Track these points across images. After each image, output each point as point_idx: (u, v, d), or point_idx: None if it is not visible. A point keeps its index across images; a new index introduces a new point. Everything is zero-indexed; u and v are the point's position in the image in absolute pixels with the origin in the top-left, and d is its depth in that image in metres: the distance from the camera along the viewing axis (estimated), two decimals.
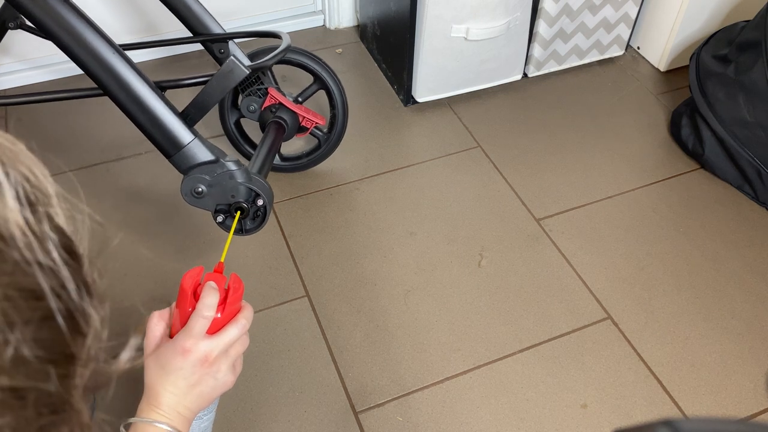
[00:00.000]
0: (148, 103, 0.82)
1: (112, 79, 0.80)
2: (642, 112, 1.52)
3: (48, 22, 0.76)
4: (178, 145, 0.86)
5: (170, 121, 0.84)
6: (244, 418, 0.99)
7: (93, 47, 0.78)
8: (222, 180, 0.87)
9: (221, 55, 1.14)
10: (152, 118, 0.83)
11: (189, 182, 0.87)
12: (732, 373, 1.06)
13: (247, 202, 0.90)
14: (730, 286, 1.18)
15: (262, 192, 0.90)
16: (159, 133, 0.84)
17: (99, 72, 0.80)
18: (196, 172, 0.87)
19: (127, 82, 0.81)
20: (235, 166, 0.88)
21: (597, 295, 1.16)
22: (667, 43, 1.58)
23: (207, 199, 0.89)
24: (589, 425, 1.00)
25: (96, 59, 0.79)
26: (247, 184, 0.88)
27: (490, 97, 1.55)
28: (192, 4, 1.09)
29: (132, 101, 0.82)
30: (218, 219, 0.91)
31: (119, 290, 1.15)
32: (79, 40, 0.78)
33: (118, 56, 0.79)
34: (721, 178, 1.37)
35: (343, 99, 1.24)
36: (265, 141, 1.09)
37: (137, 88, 0.81)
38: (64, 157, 1.37)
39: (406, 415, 1.00)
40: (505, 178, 1.36)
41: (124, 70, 0.80)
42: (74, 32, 0.77)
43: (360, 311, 1.13)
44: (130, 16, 1.56)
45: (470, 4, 1.33)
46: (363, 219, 1.27)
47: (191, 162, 0.87)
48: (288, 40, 1.05)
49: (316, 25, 1.74)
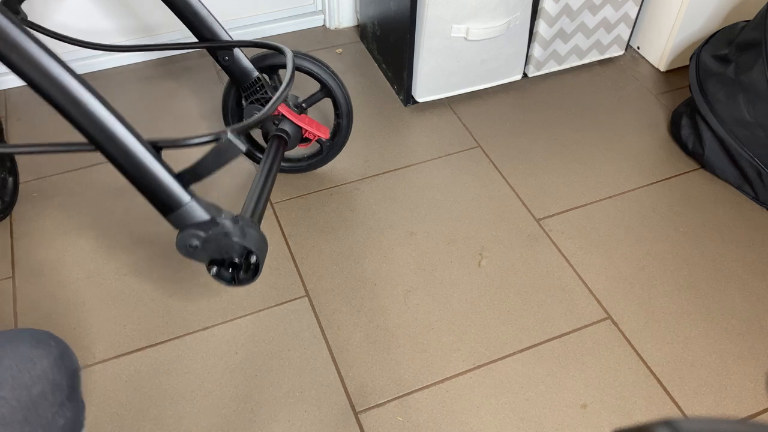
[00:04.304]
0: (145, 165, 0.82)
1: (108, 141, 0.80)
2: (642, 112, 1.53)
3: (44, 83, 0.75)
4: (174, 206, 0.86)
5: (167, 183, 0.84)
6: (244, 418, 0.99)
7: (91, 111, 0.78)
8: (216, 237, 0.88)
9: (225, 62, 1.13)
10: (149, 179, 0.83)
11: (184, 237, 0.88)
12: (732, 373, 1.06)
13: (241, 258, 0.91)
14: (730, 286, 1.18)
15: (255, 249, 0.90)
16: (155, 193, 0.85)
17: (96, 134, 0.80)
18: (192, 229, 0.87)
19: (125, 144, 0.81)
20: (231, 225, 0.88)
21: (597, 295, 1.16)
22: (667, 43, 1.58)
23: (201, 253, 0.90)
24: (589, 425, 1.00)
25: (94, 123, 0.79)
26: (241, 242, 0.89)
27: (490, 97, 1.55)
28: (199, 10, 1.08)
29: (129, 162, 0.82)
30: (212, 272, 0.92)
31: (119, 290, 1.15)
32: (77, 103, 0.77)
33: (115, 119, 0.79)
34: (721, 178, 1.37)
35: (348, 108, 1.23)
36: (262, 174, 1.07)
37: (135, 150, 0.81)
38: (63, 156, 1.37)
39: (406, 415, 1.00)
40: (505, 178, 1.36)
41: (122, 131, 0.80)
42: (71, 96, 0.77)
43: (360, 311, 1.13)
44: (125, 17, 1.55)
45: (470, 4, 1.33)
46: (363, 219, 1.27)
47: (187, 222, 0.87)
48: (291, 60, 1.04)
49: (316, 25, 1.74)
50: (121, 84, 1.55)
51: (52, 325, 1.10)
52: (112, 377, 1.04)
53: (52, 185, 1.32)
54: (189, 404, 1.01)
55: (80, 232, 1.24)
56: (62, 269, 1.18)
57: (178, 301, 1.13)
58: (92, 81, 1.56)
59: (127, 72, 1.59)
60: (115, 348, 1.07)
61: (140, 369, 1.05)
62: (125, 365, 1.05)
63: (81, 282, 1.16)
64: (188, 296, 1.14)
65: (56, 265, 1.19)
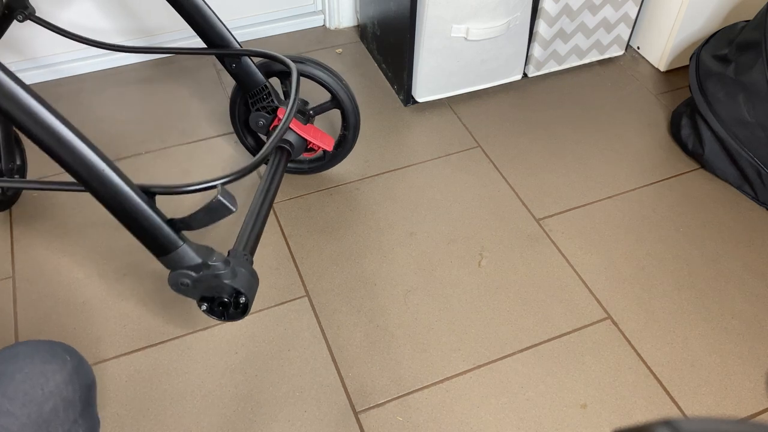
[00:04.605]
0: (137, 212, 0.84)
1: (102, 187, 0.82)
2: (642, 112, 1.53)
3: (38, 132, 0.77)
4: (166, 250, 0.88)
5: (159, 229, 0.86)
6: (244, 418, 0.99)
7: (84, 157, 0.79)
8: (207, 279, 0.90)
9: (233, 69, 1.13)
10: (141, 224, 0.86)
11: (175, 276, 0.90)
12: (732, 373, 1.06)
13: (230, 298, 0.92)
14: (730, 286, 1.18)
15: (245, 291, 0.92)
16: (148, 237, 0.87)
17: (89, 179, 0.82)
18: (183, 269, 0.89)
19: (118, 190, 0.82)
20: (222, 267, 0.90)
21: (597, 295, 1.16)
22: (667, 43, 1.58)
23: (192, 290, 0.92)
24: (589, 425, 1.00)
25: (87, 169, 0.80)
26: (231, 283, 0.90)
27: (490, 97, 1.55)
28: (209, 16, 1.08)
29: (122, 208, 0.84)
30: (202, 308, 0.94)
31: (119, 290, 1.15)
32: (70, 151, 0.79)
33: (107, 166, 0.81)
34: (721, 178, 1.37)
35: (356, 121, 1.23)
36: (260, 196, 1.06)
37: (127, 196, 0.83)
38: None
39: (406, 415, 1.00)
40: (505, 178, 1.36)
41: (114, 178, 0.82)
42: (64, 143, 0.79)
43: (360, 311, 1.13)
44: (125, 18, 1.55)
45: (470, 4, 1.33)
46: (363, 219, 1.27)
47: (179, 265, 0.89)
48: (296, 78, 1.04)
49: (316, 25, 1.74)
50: (123, 83, 1.55)
51: (52, 325, 1.10)
52: (113, 377, 1.04)
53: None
54: (189, 404, 1.01)
55: (80, 232, 1.24)
56: (62, 269, 1.18)
57: (178, 301, 1.13)
58: (95, 80, 1.56)
59: (125, 72, 1.59)
60: (115, 348, 1.07)
61: (140, 369, 1.05)
62: (125, 365, 1.05)
63: (81, 282, 1.16)
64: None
65: (56, 265, 1.19)
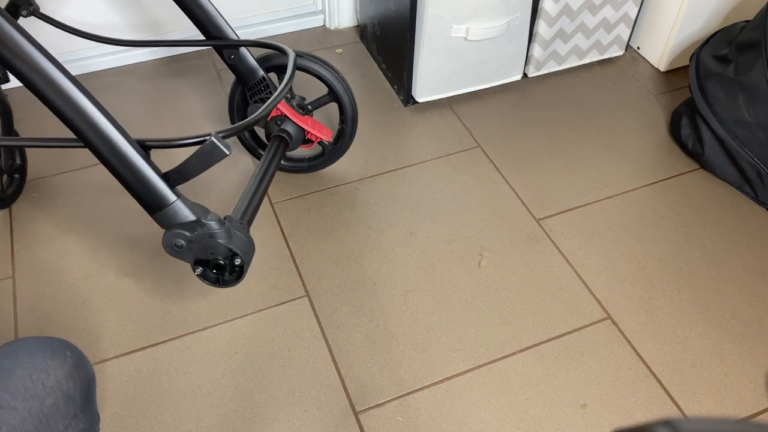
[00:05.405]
0: (132, 164, 0.84)
1: (98, 139, 0.83)
2: (642, 112, 1.53)
3: (37, 81, 0.77)
4: (160, 205, 0.88)
5: (153, 182, 0.86)
6: (244, 418, 0.99)
7: (82, 109, 0.80)
8: (202, 238, 0.89)
9: (231, 61, 1.14)
10: (135, 178, 0.86)
11: (169, 237, 0.90)
12: (732, 373, 1.06)
13: (225, 260, 0.91)
14: (730, 286, 1.18)
15: (241, 252, 0.91)
16: (142, 192, 0.87)
17: (86, 132, 0.82)
18: (177, 229, 0.89)
19: (114, 142, 0.83)
20: (217, 226, 0.89)
21: (597, 295, 1.16)
22: (667, 43, 1.58)
23: (186, 253, 0.92)
24: (589, 425, 1.00)
25: (85, 121, 0.81)
26: (226, 243, 0.90)
27: (490, 97, 1.55)
28: (208, 8, 1.08)
29: (117, 160, 0.84)
30: (197, 272, 0.93)
31: (119, 290, 1.15)
32: (68, 102, 0.80)
33: (105, 118, 0.82)
34: (721, 178, 1.37)
35: (353, 114, 1.23)
36: (258, 175, 1.06)
37: (123, 148, 0.83)
38: (64, 156, 1.37)
39: (406, 415, 1.00)
40: (505, 178, 1.36)
41: (111, 130, 0.82)
42: (63, 94, 0.79)
43: (360, 311, 1.13)
44: (133, 13, 1.56)
45: (470, 4, 1.33)
46: (363, 219, 1.27)
47: (173, 221, 0.89)
48: (293, 61, 1.05)
49: (316, 25, 1.74)
50: (125, 82, 1.55)
51: (52, 325, 1.10)
52: (113, 377, 1.04)
53: (52, 185, 1.32)
54: (189, 404, 1.01)
55: (80, 232, 1.24)
56: (62, 269, 1.18)
57: (178, 301, 1.13)
58: (97, 79, 1.56)
59: (130, 70, 1.59)
60: (116, 348, 1.07)
61: (140, 369, 1.05)
62: (125, 365, 1.05)
63: (81, 282, 1.16)
64: (188, 296, 1.14)
65: (56, 265, 1.19)
